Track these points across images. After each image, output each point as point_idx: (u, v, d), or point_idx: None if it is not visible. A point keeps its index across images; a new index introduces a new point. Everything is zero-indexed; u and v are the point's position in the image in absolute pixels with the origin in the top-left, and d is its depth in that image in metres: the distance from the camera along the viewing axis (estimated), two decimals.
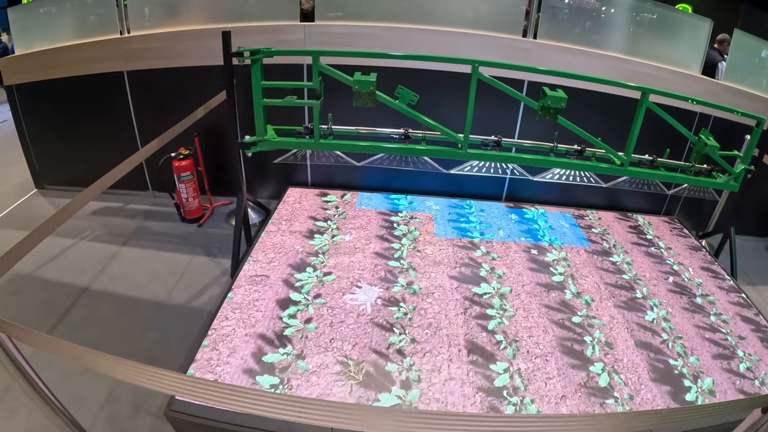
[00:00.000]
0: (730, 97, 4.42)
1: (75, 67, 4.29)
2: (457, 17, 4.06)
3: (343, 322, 2.83)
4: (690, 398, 2.59)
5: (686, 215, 5.03)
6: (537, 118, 3.25)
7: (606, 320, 3.10)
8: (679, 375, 2.74)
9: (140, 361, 2.80)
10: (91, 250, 3.96)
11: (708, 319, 3.29)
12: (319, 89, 3.19)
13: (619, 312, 3.20)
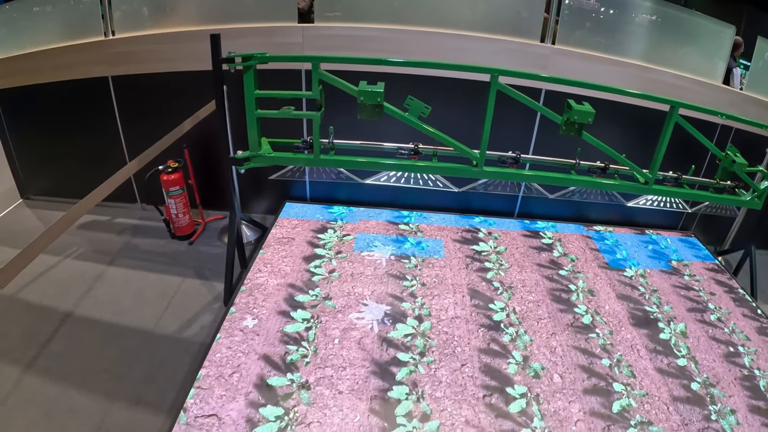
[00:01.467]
0: (753, 108, 4.22)
1: (59, 71, 4.01)
2: (468, 20, 3.78)
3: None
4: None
5: (702, 231, 4.82)
6: (560, 132, 3.00)
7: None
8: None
9: (127, 401, 2.62)
10: (76, 269, 3.69)
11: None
12: (319, 99, 2.91)
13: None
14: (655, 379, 2.80)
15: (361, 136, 3.30)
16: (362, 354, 2.71)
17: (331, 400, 2.42)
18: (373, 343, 2.79)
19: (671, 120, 3.12)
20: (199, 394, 2.37)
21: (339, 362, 2.64)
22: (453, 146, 2.97)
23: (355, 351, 2.72)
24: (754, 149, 4.05)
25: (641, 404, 2.63)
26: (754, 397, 2.80)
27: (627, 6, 3.97)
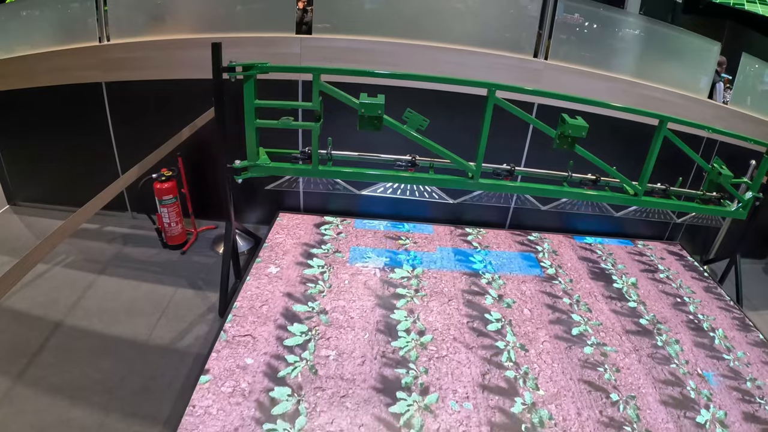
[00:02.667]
0: (738, 121, 4.33)
1: (51, 75, 3.94)
2: (464, 35, 3.83)
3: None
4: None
5: (688, 240, 4.93)
6: (554, 146, 3.06)
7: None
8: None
9: (122, 413, 2.59)
10: (66, 278, 3.61)
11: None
12: (318, 110, 2.92)
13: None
14: (610, 317, 3.48)
15: (354, 146, 3.31)
16: (368, 291, 3.37)
17: (345, 322, 3.07)
18: (376, 284, 3.44)
19: (660, 134, 3.20)
20: (235, 320, 2.96)
21: (350, 296, 3.29)
22: (450, 159, 3.00)
23: (362, 289, 3.38)
24: (739, 161, 4.15)
25: (597, 332, 3.31)
26: (698, 336, 3.44)
27: (617, 23, 4.06)
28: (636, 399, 2.82)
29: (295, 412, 2.43)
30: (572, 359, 3.05)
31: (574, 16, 3.92)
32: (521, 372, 2.89)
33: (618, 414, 2.70)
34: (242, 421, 2.34)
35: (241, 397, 2.46)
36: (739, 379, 3.13)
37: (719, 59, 5.81)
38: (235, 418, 2.36)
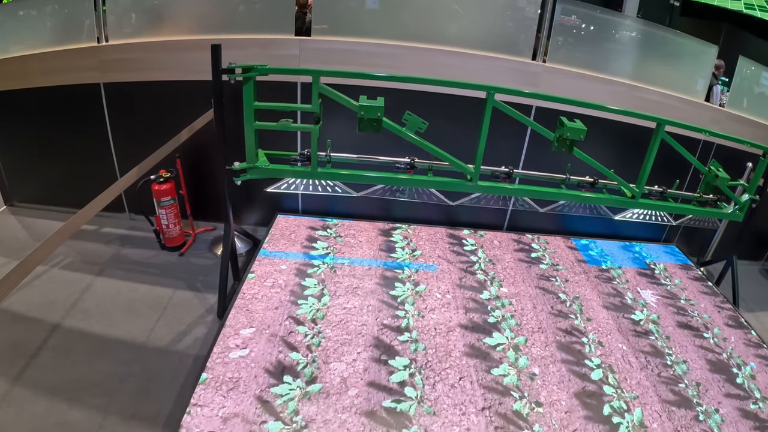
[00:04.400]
0: (734, 124, 4.35)
1: (49, 76, 3.92)
2: (463, 37, 3.83)
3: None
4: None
5: (685, 242, 4.95)
6: (553, 149, 3.07)
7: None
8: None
9: (121, 415, 2.58)
10: (63, 279, 3.60)
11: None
12: (318, 113, 2.92)
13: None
14: (566, 250, 4.16)
15: (353, 148, 3.31)
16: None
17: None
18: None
19: (658, 136, 3.21)
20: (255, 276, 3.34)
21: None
22: (449, 161, 3.01)
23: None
24: (735, 164, 4.18)
25: (553, 257, 4.05)
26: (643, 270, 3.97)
27: (615, 26, 4.07)
28: (580, 299, 3.64)
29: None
30: (531, 273, 3.87)
31: (571, 18, 3.94)
32: (489, 276, 3.74)
33: (565, 308, 3.52)
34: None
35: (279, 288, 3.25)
36: (675, 299, 3.91)
37: (717, 63, 5.86)
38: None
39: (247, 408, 2.37)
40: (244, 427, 2.26)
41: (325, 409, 2.44)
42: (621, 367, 3.02)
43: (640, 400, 2.80)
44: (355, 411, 2.44)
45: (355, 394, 2.54)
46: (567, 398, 2.72)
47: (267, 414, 2.35)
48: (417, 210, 4.34)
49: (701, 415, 2.79)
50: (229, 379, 2.52)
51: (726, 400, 2.95)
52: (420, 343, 2.96)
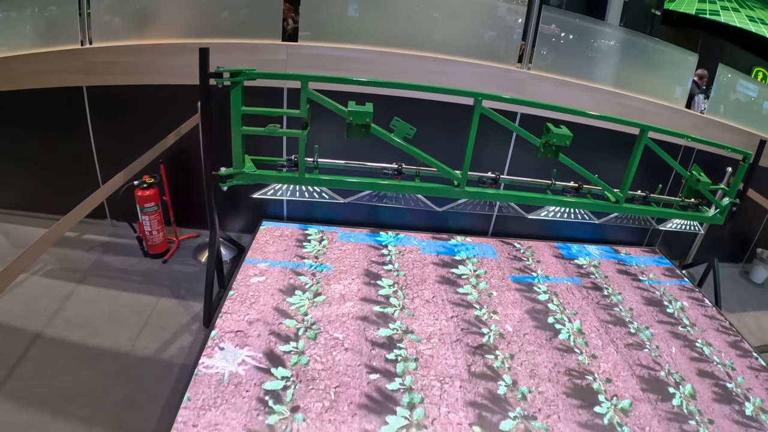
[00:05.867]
0: (714, 130, 4.45)
1: (30, 79, 3.84)
2: (449, 45, 3.86)
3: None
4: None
5: (667, 246, 5.03)
6: (539, 155, 3.10)
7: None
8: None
9: (107, 426, 2.53)
10: (44, 287, 3.52)
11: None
12: (306, 118, 2.90)
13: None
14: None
15: (341, 154, 3.31)
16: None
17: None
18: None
19: (641, 142, 3.26)
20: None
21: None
22: (436, 167, 3.01)
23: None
24: (715, 169, 4.26)
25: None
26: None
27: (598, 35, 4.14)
28: (532, 248, 4.39)
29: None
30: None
31: (550, 26, 3.99)
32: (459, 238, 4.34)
33: (520, 254, 4.26)
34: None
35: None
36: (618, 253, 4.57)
37: (700, 72, 5.99)
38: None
39: (268, 313, 3.08)
40: (265, 327, 2.96)
41: (329, 313, 3.16)
42: (565, 295, 3.83)
43: (580, 317, 3.58)
44: (352, 316, 3.17)
45: (351, 304, 3.28)
46: (519, 313, 3.51)
47: (283, 317, 3.06)
48: (404, 216, 4.35)
49: (633, 330, 3.57)
50: (251, 295, 3.23)
51: (658, 324, 3.70)
52: (401, 271, 3.75)
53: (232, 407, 2.37)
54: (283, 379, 2.60)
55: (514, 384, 2.82)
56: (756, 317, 4.64)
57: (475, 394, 2.70)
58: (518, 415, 2.61)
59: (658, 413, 2.82)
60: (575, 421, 2.64)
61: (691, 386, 3.11)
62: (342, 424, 2.36)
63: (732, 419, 2.92)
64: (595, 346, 3.29)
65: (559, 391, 2.83)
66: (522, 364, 3.00)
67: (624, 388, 2.95)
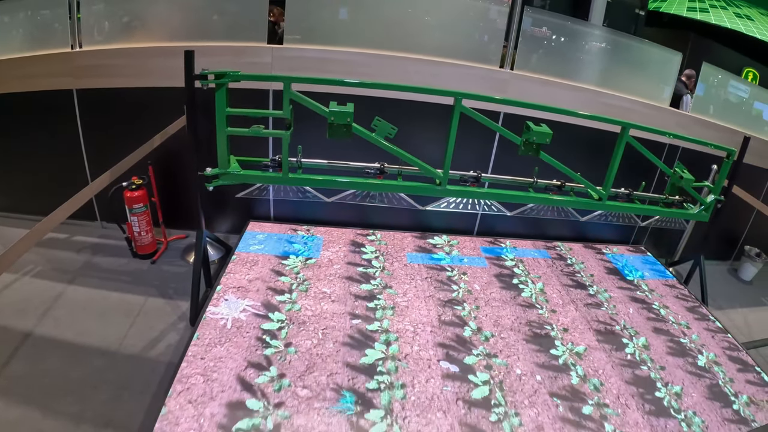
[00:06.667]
0: (699, 128, 4.48)
1: (20, 82, 3.89)
2: (432, 46, 3.90)
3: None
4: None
5: (653, 244, 5.06)
6: (520, 153, 3.13)
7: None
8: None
9: (94, 423, 2.57)
10: (34, 288, 3.56)
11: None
12: (289, 119, 2.95)
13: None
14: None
15: (326, 154, 3.35)
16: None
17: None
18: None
19: (623, 140, 3.30)
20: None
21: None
22: (417, 166, 3.06)
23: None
24: (700, 166, 4.29)
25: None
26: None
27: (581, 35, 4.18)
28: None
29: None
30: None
31: (542, 29, 4.03)
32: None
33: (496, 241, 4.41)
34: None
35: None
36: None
37: (688, 72, 6.02)
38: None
39: (265, 273, 3.44)
40: (263, 283, 3.31)
41: (318, 273, 3.52)
42: (531, 263, 4.13)
43: (543, 281, 3.89)
44: (338, 275, 3.53)
45: (338, 267, 3.64)
46: (487, 276, 3.84)
47: (279, 276, 3.41)
48: (390, 216, 4.38)
49: (592, 292, 3.87)
50: (251, 260, 3.59)
51: (618, 290, 3.98)
52: (383, 240, 4.06)
53: (235, 344, 2.73)
54: (279, 321, 2.98)
55: (478, 330, 3.19)
56: (744, 314, 4.67)
57: (444, 337, 3.06)
58: (481, 353, 2.98)
59: (611, 360, 3.13)
60: (533, 361, 2.99)
61: (645, 339, 3.40)
62: (328, 357, 2.74)
63: (685, 369, 3.17)
64: (555, 304, 3.62)
65: (520, 338, 3.18)
66: (487, 315, 3.35)
67: (580, 338, 3.28)
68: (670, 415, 2.78)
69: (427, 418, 2.45)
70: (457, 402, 2.58)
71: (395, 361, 2.78)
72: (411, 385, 2.64)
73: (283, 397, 2.43)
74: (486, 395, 2.66)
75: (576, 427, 2.58)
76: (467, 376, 2.77)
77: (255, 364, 2.59)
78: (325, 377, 2.58)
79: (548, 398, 2.73)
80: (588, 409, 2.71)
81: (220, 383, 2.45)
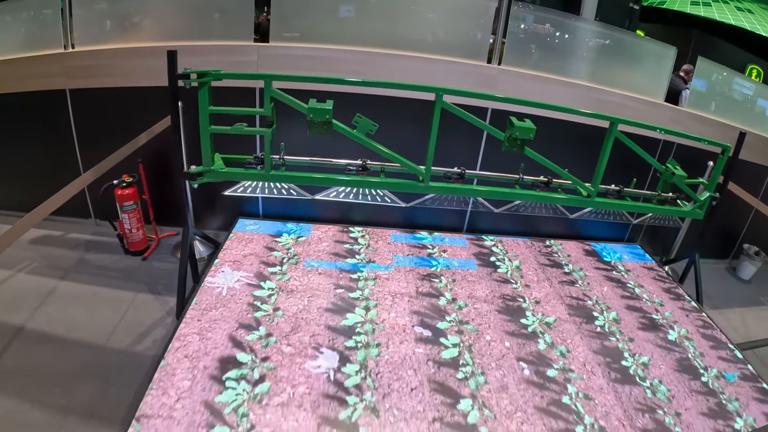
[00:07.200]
0: (695, 124, 4.42)
1: (15, 82, 3.97)
2: (419, 42, 3.91)
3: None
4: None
5: (648, 242, 5.01)
6: (503, 149, 3.12)
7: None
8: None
9: (80, 415, 2.62)
10: (28, 284, 3.64)
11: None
12: (270, 116, 2.97)
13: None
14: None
15: (313, 152, 3.36)
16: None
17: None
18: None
19: (611, 135, 3.26)
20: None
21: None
22: (399, 162, 3.06)
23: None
24: (697, 163, 4.24)
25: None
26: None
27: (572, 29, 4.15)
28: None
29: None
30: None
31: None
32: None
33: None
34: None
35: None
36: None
37: (686, 67, 5.95)
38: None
39: (260, 250, 3.70)
40: (257, 258, 3.59)
41: (308, 249, 3.76)
42: (510, 244, 4.26)
43: (520, 260, 4.05)
44: (326, 252, 3.76)
45: (326, 244, 3.86)
46: (466, 254, 4.01)
47: (271, 251, 3.69)
48: (378, 213, 4.39)
49: (567, 270, 4.03)
50: (247, 238, 3.86)
51: (594, 270, 4.10)
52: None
53: (228, 309, 2.99)
54: (269, 289, 3.23)
55: (453, 300, 3.41)
56: (741, 314, 4.61)
57: (420, 306, 3.28)
58: (453, 320, 3.19)
59: (581, 331, 3.29)
60: (503, 329, 3.18)
61: (616, 314, 3.55)
62: (312, 320, 2.98)
63: (655, 343, 3.31)
64: (530, 280, 3.80)
65: (492, 308, 3.37)
66: (463, 288, 3.56)
67: (551, 311, 3.45)
68: (636, 383, 2.90)
69: (398, 375, 2.65)
70: (428, 362, 2.78)
71: (373, 324, 3.02)
72: (386, 345, 2.85)
73: (269, 352, 2.66)
74: (455, 356, 2.86)
75: (540, 388, 2.73)
76: (439, 339, 2.98)
77: (246, 325, 2.84)
78: (308, 337, 2.81)
79: (515, 362, 2.90)
80: (553, 372, 2.87)
81: (214, 341, 2.68)
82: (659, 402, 2.79)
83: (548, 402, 2.65)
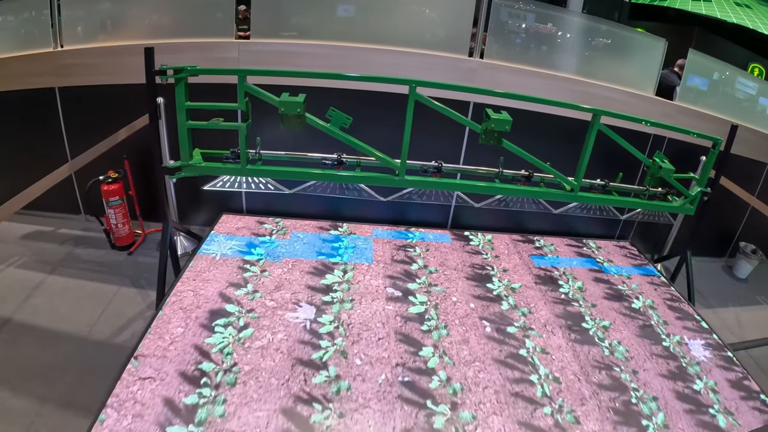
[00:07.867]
0: (686, 118, 4.35)
1: (6, 81, 4.05)
2: (398, 36, 3.90)
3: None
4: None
5: (640, 239, 4.94)
6: (480, 141, 3.08)
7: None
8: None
9: (58, 403, 2.70)
10: (17, 277, 3.74)
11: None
12: (246, 111, 3.00)
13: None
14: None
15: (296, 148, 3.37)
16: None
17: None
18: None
19: (593, 128, 3.20)
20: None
21: None
22: (374, 156, 3.06)
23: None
24: (689, 158, 4.18)
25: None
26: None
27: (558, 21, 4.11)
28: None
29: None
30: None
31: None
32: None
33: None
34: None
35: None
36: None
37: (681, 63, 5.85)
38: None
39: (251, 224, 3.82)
40: (248, 230, 3.71)
41: (296, 223, 3.86)
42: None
43: (493, 234, 4.11)
44: (313, 226, 3.85)
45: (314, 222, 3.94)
46: (441, 230, 4.08)
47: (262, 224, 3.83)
48: (362, 207, 4.38)
49: (538, 245, 4.12)
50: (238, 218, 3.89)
51: (565, 247, 4.17)
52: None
53: (220, 271, 3.19)
54: (258, 254, 3.43)
55: (425, 266, 3.58)
56: (737, 313, 4.53)
57: (393, 271, 3.47)
58: (423, 283, 3.38)
59: (545, 297, 3.44)
60: (469, 293, 3.35)
61: (582, 283, 3.68)
62: (294, 281, 3.20)
63: (618, 311, 3.42)
64: (501, 252, 3.94)
65: (461, 275, 3.53)
66: (435, 257, 3.74)
67: (518, 279, 3.61)
68: (594, 343, 3.04)
69: (368, 326, 2.90)
70: (396, 317, 3.01)
71: (349, 284, 3.27)
72: (359, 301, 3.09)
73: (254, 305, 2.92)
74: (421, 312, 3.08)
75: (499, 343, 2.91)
76: (407, 298, 3.20)
77: (235, 284, 3.09)
78: (289, 294, 3.07)
79: (478, 321, 3.08)
80: (512, 329, 3.05)
81: (206, 297, 2.94)
82: (617, 360, 2.92)
83: (506, 355, 2.83)
